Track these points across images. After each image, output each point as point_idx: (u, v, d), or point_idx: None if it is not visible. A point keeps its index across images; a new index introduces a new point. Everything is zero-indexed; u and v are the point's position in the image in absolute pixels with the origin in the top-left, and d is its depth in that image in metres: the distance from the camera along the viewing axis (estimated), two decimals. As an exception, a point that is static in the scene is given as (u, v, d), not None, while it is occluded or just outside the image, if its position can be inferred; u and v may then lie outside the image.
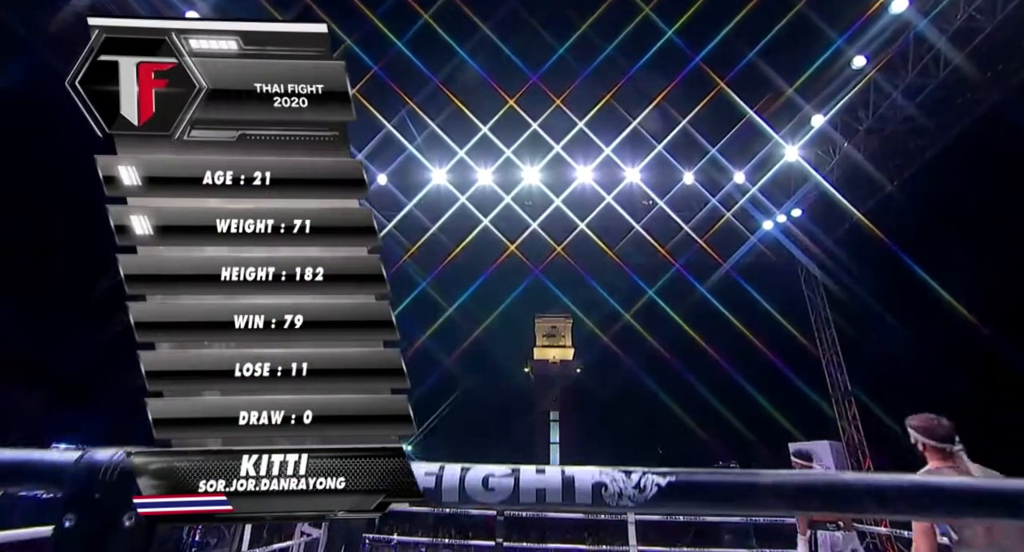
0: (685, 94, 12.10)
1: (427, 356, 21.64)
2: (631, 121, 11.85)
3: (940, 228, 18.78)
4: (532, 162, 12.17)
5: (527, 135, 11.96)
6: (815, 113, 10.72)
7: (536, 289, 20.02)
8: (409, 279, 14.33)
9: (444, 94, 12.12)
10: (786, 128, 11.33)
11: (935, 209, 17.83)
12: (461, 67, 12.38)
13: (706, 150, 12.07)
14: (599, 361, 30.17)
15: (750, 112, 11.37)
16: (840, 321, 13.00)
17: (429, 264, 14.24)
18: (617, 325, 23.39)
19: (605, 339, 26.12)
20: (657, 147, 12.03)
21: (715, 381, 23.54)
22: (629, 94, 12.37)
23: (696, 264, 14.26)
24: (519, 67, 12.65)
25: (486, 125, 11.83)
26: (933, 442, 2.39)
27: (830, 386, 12.34)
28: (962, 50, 8.66)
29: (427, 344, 19.56)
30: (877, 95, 9.96)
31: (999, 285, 17.69)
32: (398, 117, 11.45)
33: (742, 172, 11.98)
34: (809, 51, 10.68)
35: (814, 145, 11.44)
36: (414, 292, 14.60)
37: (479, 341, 24.07)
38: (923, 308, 19.56)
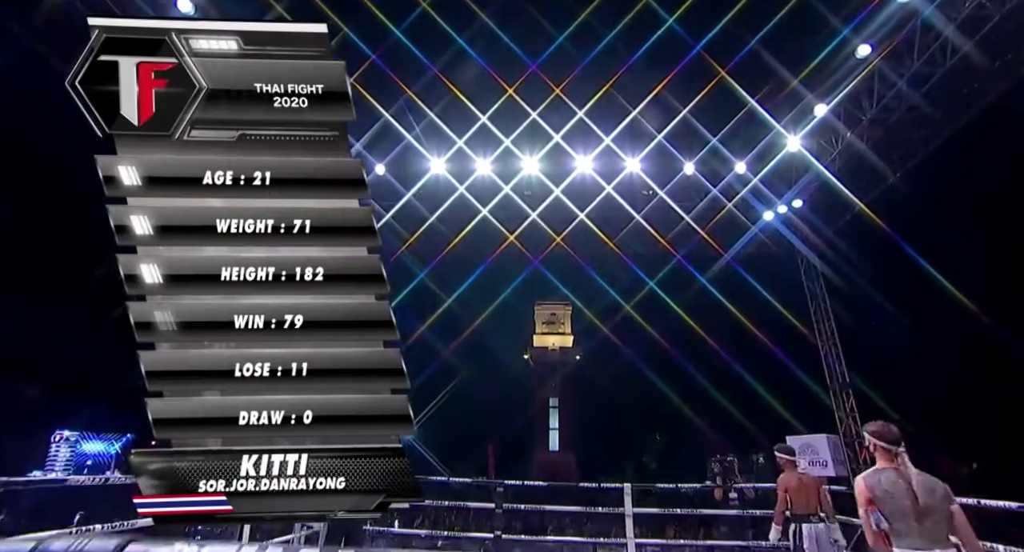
0: (686, 83, 11.99)
1: (426, 346, 21.71)
2: (631, 110, 11.75)
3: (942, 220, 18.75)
4: (531, 152, 12.09)
5: (526, 125, 11.86)
6: (818, 102, 10.61)
7: (536, 279, 20.03)
8: (407, 270, 14.33)
9: (443, 83, 12.01)
10: (788, 117, 11.24)
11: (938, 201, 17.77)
12: (460, 56, 12.26)
13: (707, 140, 11.99)
14: (599, 351, 30.31)
15: (751, 101, 11.27)
16: (840, 312, 13.04)
17: (428, 255, 14.23)
18: (617, 315, 23.46)
19: (605, 330, 26.19)
20: (657, 137, 11.95)
21: (715, 372, 23.68)
22: (629, 83, 12.25)
23: (696, 255, 14.26)
24: (518, 56, 12.53)
25: (485, 114, 11.73)
26: (884, 444, 2.81)
27: (828, 378, 12.42)
28: (970, 38, 8.54)
29: (426, 334, 19.62)
30: (881, 84, 9.85)
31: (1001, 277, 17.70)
32: (396, 106, 11.35)
33: (743, 162, 11.90)
34: (812, 39, 10.56)
35: (816, 135, 11.36)
36: (413, 283, 14.60)
37: (478, 331, 24.17)
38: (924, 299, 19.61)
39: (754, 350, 20.47)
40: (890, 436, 2.81)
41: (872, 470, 2.80)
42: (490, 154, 12.04)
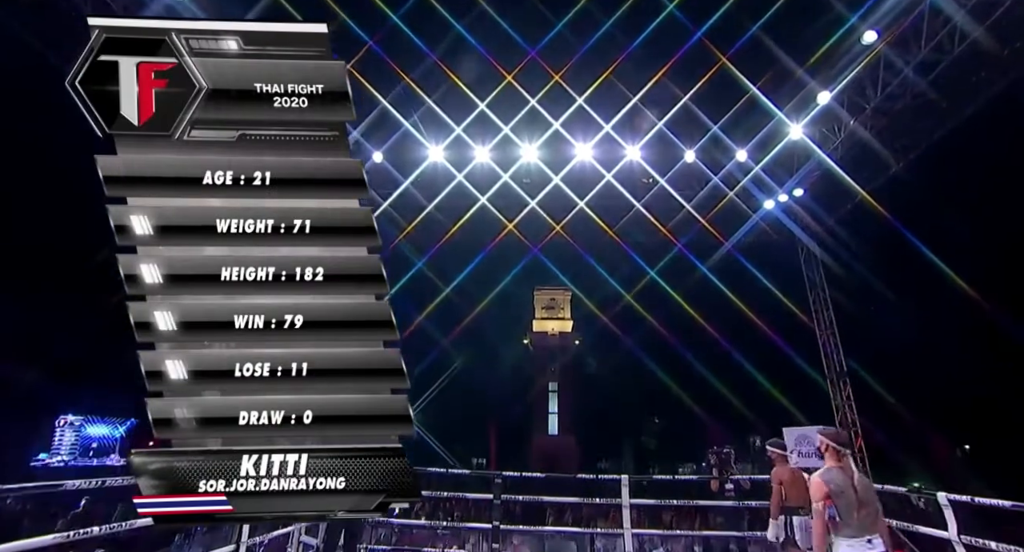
0: (687, 70, 11.84)
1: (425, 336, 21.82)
2: (631, 97, 11.63)
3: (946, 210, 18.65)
4: (531, 139, 12.00)
5: (525, 112, 11.75)
6: (821, 90, 10.49)
7: (535, 268, 20.04)
8: (406, 258, 14.32)
9: (441, 69, 11.86)
10: (790, 105, 11.13)
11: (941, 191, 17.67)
12: (458, 42, 12.08)
13: (708, 127, 11.89)
14: (599, 339, 30.47)
15: (753, 89, 11.15)
16: (840, 301, 13.08)
17: (426, 243, 14.21)
18: (616, 303, 23.50)
19: (604, 318, 26.27)
20: (658, 124, 11.84)
21: (713, 359, 23.84)
22: (629, 70, 12.09)
23: (696, 243, 14.24)
24: (517, 42, 12.34)
25: (484, 101, 11.62)
26: (836, 445, 3.27)
27: (826, 367, 12.50)
28: (980, 24, 8.35)
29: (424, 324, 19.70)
30: (887, 72, 9.69)
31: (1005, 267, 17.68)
32: (394, 93, 11.24)
33: (744, 150, 11.82)
34: (816, 25, 10.41)
35: (819, 123, 11.26)
36: (411, 271, 14.61)
37: (477, 320, 24.24)
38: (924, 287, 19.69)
39: (753, 338, 20.60)
40: (842, 439, 3.34)
41: (825, 468, 3.20)
42: (489, 141, 11.95)
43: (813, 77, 10.55)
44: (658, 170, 12.46)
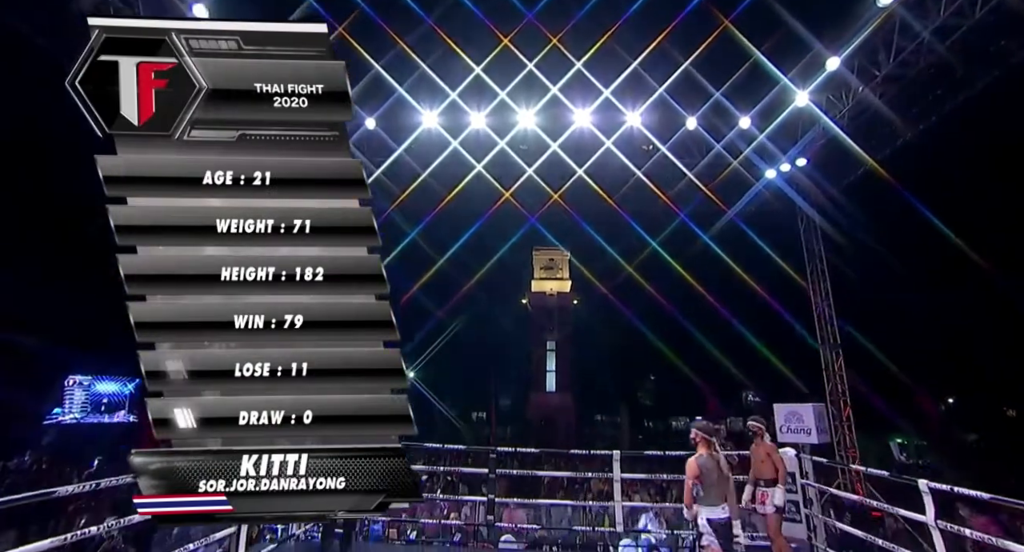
0: (689, 33, 11.41)
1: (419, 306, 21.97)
2: (631, 62, 11.27)
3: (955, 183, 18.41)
4: (528, 105, 11.71)
5: (522, 76, 11.41)
6: (830, 55, 10.13)
7: (533, 236, 19.98)
8: (399, 228, 14.25)
9: (436, 33, 11.44)
10: (795, 70, 10.77)
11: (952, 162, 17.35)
12: (454, 3, 11.58)
13: (710, 93, 11.59)
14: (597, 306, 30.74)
15: (756, 53, 10.79)
16: (840, 269, 13.11)
17: (421, 211, 14.10)
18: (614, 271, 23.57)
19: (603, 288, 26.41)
20: (659, 89, 11.52)
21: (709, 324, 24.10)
22: (630, 33, 11.66)
23: (697, 212, 14.15)
24: (514, 3, 11.84)
25: (479, 65, 11.27)
26: (705, 435, 4.28)
27: (819, 338, 12.65)
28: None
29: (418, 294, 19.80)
30: (901, 37, 9.30)
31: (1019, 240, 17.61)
32: (387, 57, 10.88)
33: (747, 117, 11.56)
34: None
35: (825, 89, 10.95)
36: (406, 240, 14.57)
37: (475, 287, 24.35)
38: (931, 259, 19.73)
39: (752, 306, 20.83)
40: (710, 431, 4.33)
41: (698, 455, 4.22)
42: (485, 107, 11.67)
43: (821, 41, 10.18)
44: (659, 137, 12.23)
